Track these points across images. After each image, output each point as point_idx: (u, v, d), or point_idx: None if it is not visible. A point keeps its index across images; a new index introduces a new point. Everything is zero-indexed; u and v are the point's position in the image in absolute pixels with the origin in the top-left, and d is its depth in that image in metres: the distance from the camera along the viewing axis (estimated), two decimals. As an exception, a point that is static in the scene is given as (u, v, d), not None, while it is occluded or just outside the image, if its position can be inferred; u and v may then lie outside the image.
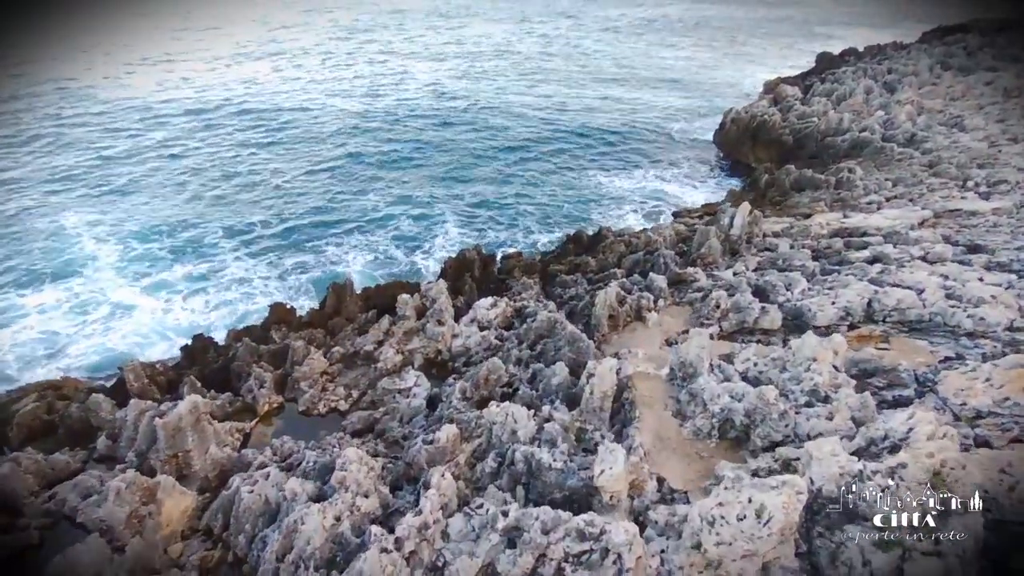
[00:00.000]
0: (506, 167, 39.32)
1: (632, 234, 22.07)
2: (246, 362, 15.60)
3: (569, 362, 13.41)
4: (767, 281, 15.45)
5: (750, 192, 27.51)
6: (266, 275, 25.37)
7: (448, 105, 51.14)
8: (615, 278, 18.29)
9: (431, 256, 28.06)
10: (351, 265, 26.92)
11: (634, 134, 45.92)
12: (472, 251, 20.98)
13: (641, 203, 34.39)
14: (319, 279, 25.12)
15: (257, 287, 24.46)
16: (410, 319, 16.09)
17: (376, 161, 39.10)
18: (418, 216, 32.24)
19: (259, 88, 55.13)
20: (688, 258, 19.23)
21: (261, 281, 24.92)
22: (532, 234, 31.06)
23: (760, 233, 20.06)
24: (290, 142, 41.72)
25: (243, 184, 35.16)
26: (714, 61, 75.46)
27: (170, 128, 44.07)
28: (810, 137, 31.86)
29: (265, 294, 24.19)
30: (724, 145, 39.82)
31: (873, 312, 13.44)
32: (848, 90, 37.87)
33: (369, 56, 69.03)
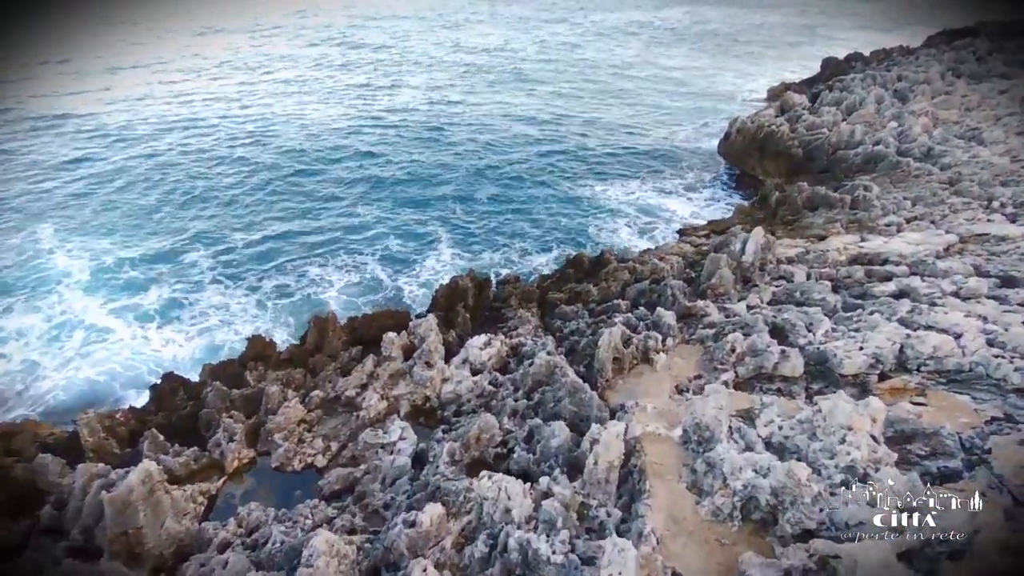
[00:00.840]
0: (500, 178, 38.25)
1: (636, 258, 20.94)
2: (217, 409, 14.43)
3: (570, 416, 12.27)
4: (786, 319, 14.31)
5: (760, 210, 26.43)
6: (245, 300, 24.22)
7: (442, 113, 50.10)
8: (619, 311, 17.18)
9: (422, 279, 26.94)
10: (335, 286, 25.75)
11: (633, 143, 44.89)
12: (465, 278, 19.83)
13: (636, 217, 33.32)
14: (300, 305, 23.99)
15: (235, 313, 23.32)
16: (396, 360, 14.93)
17: (365, 173, 38.00)
18: (408, 233, 31.14)
19: (246, 97, 54.04)
20: (697, 287, 18.10)
21: (239, 307, 23.77)
22: (527, 253, 29.99)
23: (774, 259, 18.93)
24: (276, 153, 40.58)
25: (225, 198, 34.00)
26: (715, 66, 74.56)
27: (151, 139, 42.91)
28: (820, 150, 30.80)
29: (244, 320, 23.05)
30: (730, 156, 38.77)
31: (906, 360, 12.30)
32: (858, 99, 36.84)
33: (361, 62, 67.99)
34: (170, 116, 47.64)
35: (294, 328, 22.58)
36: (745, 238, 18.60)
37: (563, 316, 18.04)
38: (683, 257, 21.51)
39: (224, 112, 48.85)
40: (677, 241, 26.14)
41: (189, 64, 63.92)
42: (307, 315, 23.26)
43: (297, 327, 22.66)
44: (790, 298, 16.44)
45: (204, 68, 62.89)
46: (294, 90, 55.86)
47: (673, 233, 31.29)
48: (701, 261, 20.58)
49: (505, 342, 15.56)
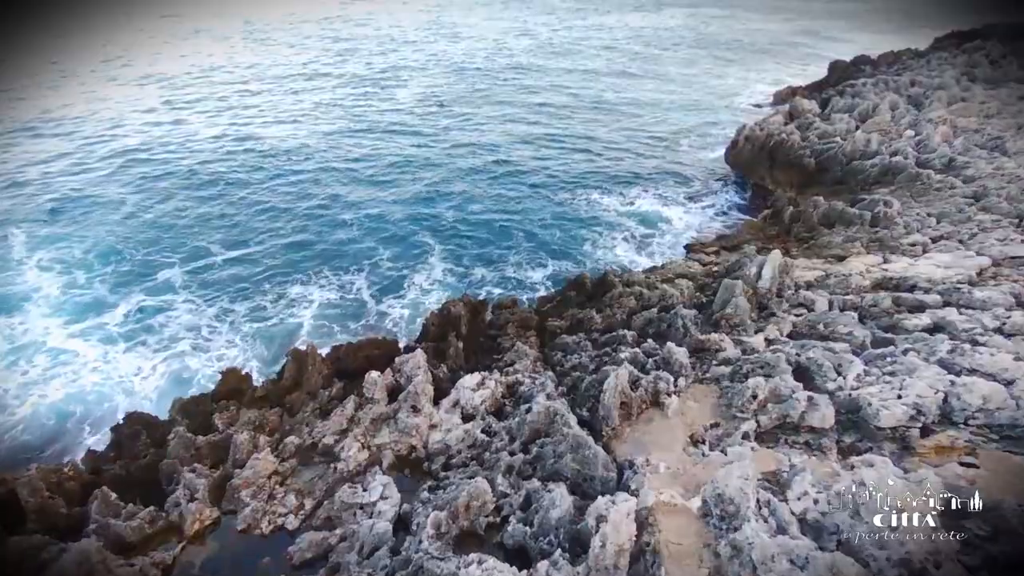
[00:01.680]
0: (494, 187, 37.06)
1: (642, 280, 19.67)
2: (180, 458, 13.15)
3: (572, 474, 11.00)
4: (811, 359, 13.04)
5: (772, 225, 25.19)
6: (218, 322, 22.92)
7: (434, 119, 48.86)
8: (624, 343, 15.92)
9: (410, 298, 25.70)
10: (316, 308, 24.45)
11: (632, 150, 43.65)
12: (459, 304, 18.59)
13: (635, 228, 32.12)
14: (277, 329, 22.74)
15: (207, 337, 22.00)
16: (379, 403, 13.65)
17: (355, 181, 36.80)
18: (397, 247, 29.95)
19: (233, 102, 52.81)
20: (709, 315, 16.84)
21: (212, 330, 22.47)
22: (521, 268, 28.80)
23: (792, 284, 17.68)
24: (262, 161, 39.33)
25: (206, 209, 32.75)
26: (715, 69, 73.46)
27: (132, 146, 41.65)
28: (834, 160, 29.59)
29: (218, 345, 21.79)
30: (737, 165, 37.58)
31: (951, 411, 11.04)
32: (871, 106, 35.68)
33: (354, 67, 66.80)
34: (154, 122, 46.36)
35: (270, 355, 21.35)
36: (761, 262, 17.36)
37: (564, 348, 16.78)
38: (692, 280, 20.26)
39: (209, 118, 47.57)
40: (685, 258, 24.91)
41: (176, 67, 62.66)
42: (284, 340, 22.18)
43: (273, 353, 21.46)
44: (812, 330, 15.18)
45: (191, 71, 61.63)
46: (283, 95, 54.63)
47: (678, 247, 30.14)
48: (712, 284, 19.35)
49: (500, 381, 14.28)
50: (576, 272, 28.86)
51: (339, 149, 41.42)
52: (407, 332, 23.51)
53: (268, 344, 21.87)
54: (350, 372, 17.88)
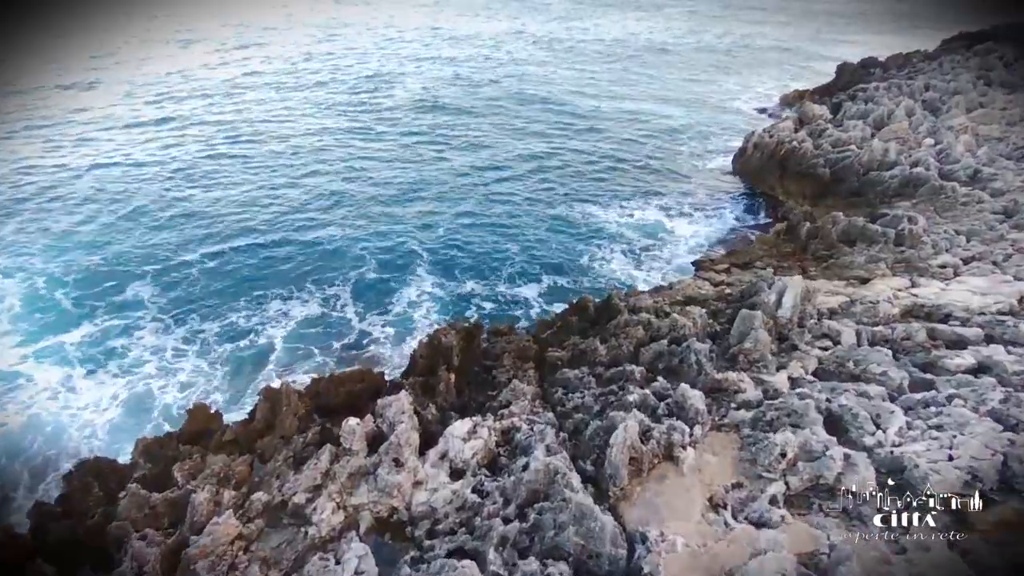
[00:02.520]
0: (487, 195, 35.80)
1: (650, 306, 18.33)
2: (132, 519, 11.78)
3: (576, 550, 9.64)
4: (844, 407, 11.71)
5: (787, 242, 23.86)
6: (187, 344, 21.50)
7: (428, 124, 47.47)
8: (632, 380, 14.58)
9: (396, 315, 24.38)
10: (295, 327, 23.03)
11: (631, 156, 42.27)
12: (450, 332, 17.24)
13: (636, 241, 30.83)
14: (250, 354, 21.38)
15: (175, 363, 20.57)
16: (358, 454, 12.28)
17: (343, 187, 35.47)
18: (385, 259, 28.65)
19: (218, 104, 51.47)
20: (724, 347, 15.49)
21: (177, 353, 21.03)
22: (515, 284, 27.55)
23: (814, 312, 16.33)
24: (245, 168, 37.94)
25: (184, 218, 31.34)
26: (718, 70, 72.35)
27: (111, 147, 40.31)
28: (850, 170, 28.31)
29: (186, 371, 20.34)
30: (745, 173, 36.31)
31: (1011, 475, 9.69)
32: (886, 111, 34.43)
33: (346, 69, 65.53)
34: (134, 124, 44.94)
35: (242, 381, 20.02)
36: (781, 288, 16.02)
37: (565, 383, 15.43)
38: (704, 304, 18.92)
39: (193, 123, 46.21)
40: (693, 276, 23.58)
41: (162, 69, 61.36)
42: (257, 364, 20.82)
43: (245, 379, 20.17)
44: (841, 369, 13.85)
45: (176, 74, 60.33)
46: (270, 99, 53.26)
47: (683, 261, 28.84)
48: (726, 311, 18.02)
49: (494, 428, 12.91)
50: (572, 287, 27.65)
51: (326, 154, 40.09)
52: (392, 352, 22.24)
53: (239, 369, 20.52)
54: (330, 409, 16.54)
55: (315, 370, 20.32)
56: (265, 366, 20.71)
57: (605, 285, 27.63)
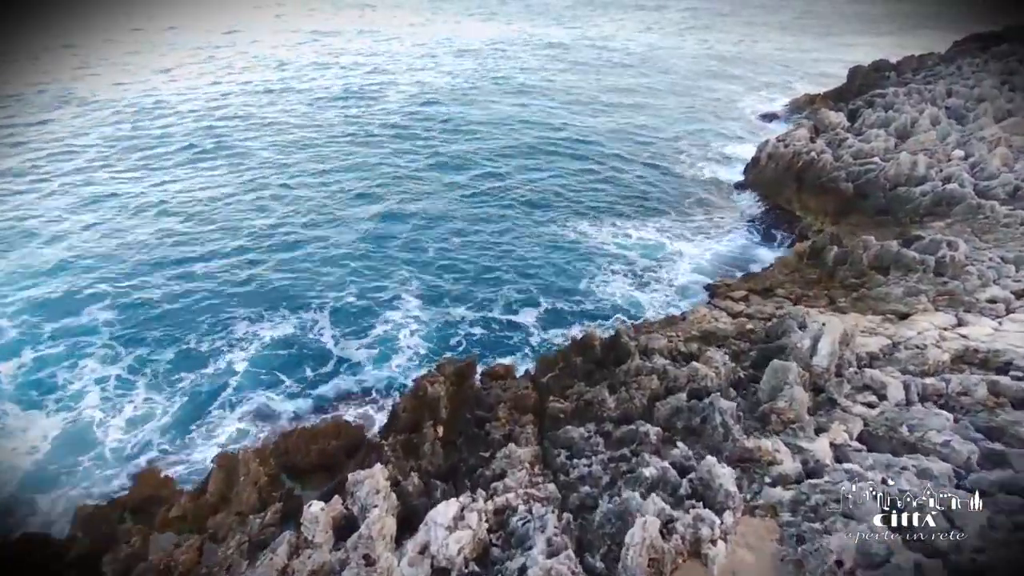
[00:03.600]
0: (480, 210, 34.17)
1: (664, 347, 16.47)
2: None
3: None
4: (906, 494, 9.83)
5: (811, 266, 22.01)
6: (134, 375, 19.56)
7: (418, 131, 45.61)
8: (647, 444, 12.72)
9: (377, 340, 22.53)
10: (261, 357, 21.12)
11: (636, 168, 40.56)
12: (437, 380, 15.37)
13: (638, 261, 29.13)
14: (210, 386, 19.42)
15: (124, 398, 18.62)
16: (322, 547, 10.38)
17: (325, 202, 33.67)
18: (369, 279, 26.95)
19: (202, 104, 49.74)
20: (752, 401, 13.63)
21: (125, 386, 19.10)
22: (510, 309, 25.83)
23: (853, 358, 14.48)
24: (224, 176, 36.18)
25: (154, 229, 29.63)
26: (723, 74, 70.70)
27: (81, 149, 38.51)
28: (875, 185, 26.51)
29: (131, 411, 18.44)
30: (758, 186, 34.50)
31: None
32: (908, 119, 32.68)
33: (336, 71, 63.71)
34: (110, 130, 43.05)
35: (198, 417, 18.10)
36: (817, 333, 14.17)
37: (569, 444, 13.57)
38: (724, 341, 17.08)
39: (171, 129, 44.35)
40: (708, 305, 21.73)
41: (146, 73, 59.53)
42: (215, 401, 18.85)
43: (199, 414, 18.16)
44: (892, 434, 11.99)
45: (161, 78, 58.54)
46: (257, 100, 51.43)
47: (690, 281, 27.04)
48: (750, 352, 16.18)
49: (486, 511, 11.02)
50: (571, 312, 25.86)
51: (306, 166, 38.17)
52: (371, 384, 20.36)
53: (195, 403, 18.66)
54: (300, 470, 14.69)
55: (283, 407, 18.45)
56: (225, 400, 18.84)
57: (608, 309, 25.89)
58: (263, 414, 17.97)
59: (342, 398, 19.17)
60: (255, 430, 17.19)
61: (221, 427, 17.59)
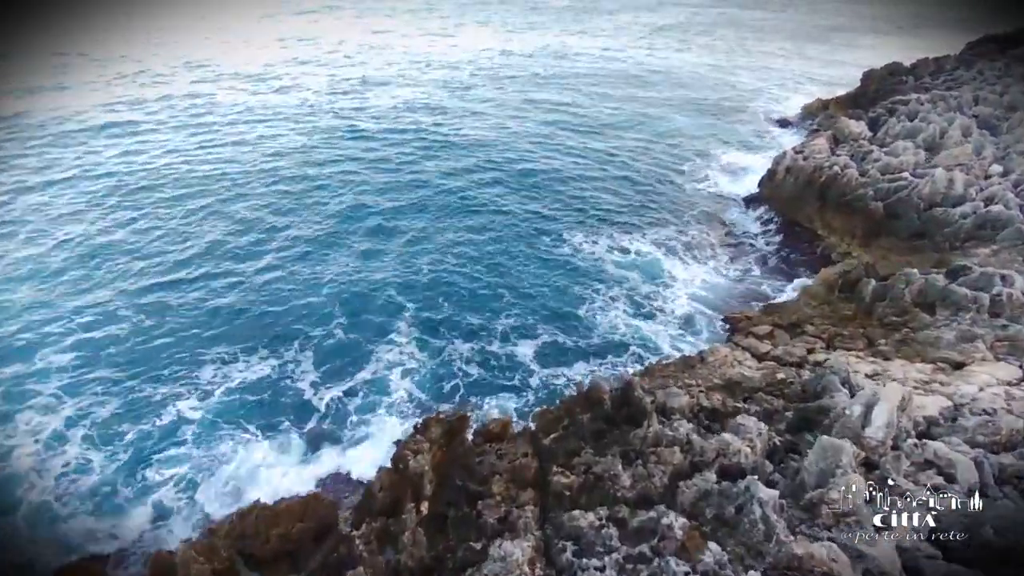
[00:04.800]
0: (476, 222, 32.40)
1: (685, 406, 14.41)
2: None
3: None
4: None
5: (844, 299, 19.94)
6: (71, 428, 17.43)
7: (408, 144, 43.47)
8: (671, 539, 10.64)
9: (364, 384, 20.41)
10: (227, 406, 19.05)
11: (639, 181, 38.44)
12: (421, 450, 13.29)
13: (641, 286, 27.06)
14: (160, 441, 17.31)
15: (54, 453, 16.52)
16: None
17: (310, 220, 31.65)
18: (359, 310, 24.99)
19: (180, 115, 47.78)
20: (796, 485, 11.56)
21: (58, 441, 16.99)
22: (507, 340, 24.00)
23: (910, 426, 12.41)
24: (199, 190, 34.12)
25: (125, 253, 27.70)
26: (728, 78, 68.57)
27: (48, 163, 36.50)
28: (907, 204, 24.50)
29: (64, 462, 16.31)
30: (774, 201, 32.45)
31: None
32: (937, 130, 30.69)
33: (324, 79, 61.74)
34: (81, 139, 41.04)
35: (139, 478, 16.04)
36: (870, 400, 12.11)
37: (576, 535, 11.50)
38: (753, 396, 15.03)
39: (150, 133, 42.44)
40: (729, 344, 19.66)
41: (119, 81, 57.64)
42: (163, 459, 16.79)
43: (140, 475, 16.11)
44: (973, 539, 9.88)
45: (131, 89, 56.63)
46: (232, 115, 49.24)
47: (704, 310, 25.02)
48: (785, 412, 14.12)
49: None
50: (573, 346, 23.88)
51: (291, 184, 36.10)
52: (352, 441, 18.32)
53: (137, 462, 16.52)
54: (261, 559, 12.60)
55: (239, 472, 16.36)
56: (171, 459, 16.70)
57: (613, 341, 23.95)
58: (215, 481, 15.85)
59: (315, 459, 17.09)
60: (203, 501, 15.13)
61: (162, 494, 15.52)
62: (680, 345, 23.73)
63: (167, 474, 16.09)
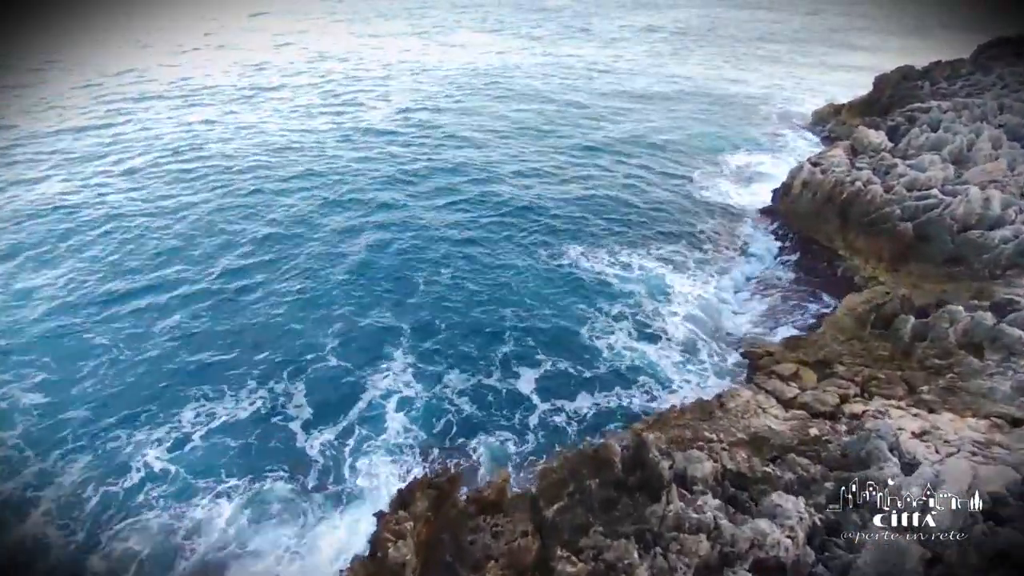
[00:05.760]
0: (475, 234, 30.75)
1: (709, 474, 12.61)
2: None
3: None
4: None
5: (877, 337, 18.10)
6: (42, 493, 15.68)
7: (405, 153, 41.64)
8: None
9: (358, 447, 18.56)
10: (213, 431, 17.34)
11: (644, 193, 36.42)
12: (403, 527, 11.50)
13: (645, 305, 25.29)
14: (124, 500, 15.55)
15: (21, 546, 14.77)
16: None
17: (301, 238, 29.93)
18: (352, 336, 23.31)
19: (157, 125, 46.15)
20: None
21: (18, 522, 15.26)
22: (507, 371, 22.35)
23: (979, 513, 10.59)
24: (176, 198, 32.48)
25: (101, 275, 26.07)
26: (733, 82, 66.63)
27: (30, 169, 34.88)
28: (940, 226, 22.69)
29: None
30: (790, 217, 30.64)
31: None
32: (964, 142, 28.92)
33: (313, 87, 59.91)
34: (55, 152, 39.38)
35: (100, 545, 14.30)
36: (932, 480, 10.30)
37: (586, 646, 9.67)
38: (783, 457, 13.24)
39: (131, 144, 40.77)
40: (750, 386, 17.84)
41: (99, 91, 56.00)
42: (128, 520, 15.00)
43: (101, 543, 14.37)
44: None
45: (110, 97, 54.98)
46: (217, 123, 47.48)
47: (714, 337, 23.25)
48: (824, 482, 12.31)
49: None
50: (575, 375, 22.16)
51: (278, 198, 34.31)
52: (339, 497, 16.55)
53: (97, 524, 14.76)
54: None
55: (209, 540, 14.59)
56: (143, 529, 14.91)
57: (618, 373, 22.22)
58: (187, 566, 14.04)
59: (309, 528, 15.28)
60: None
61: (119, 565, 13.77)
62: (689, 376, 22.04)
63: (132, 551, 14.24)
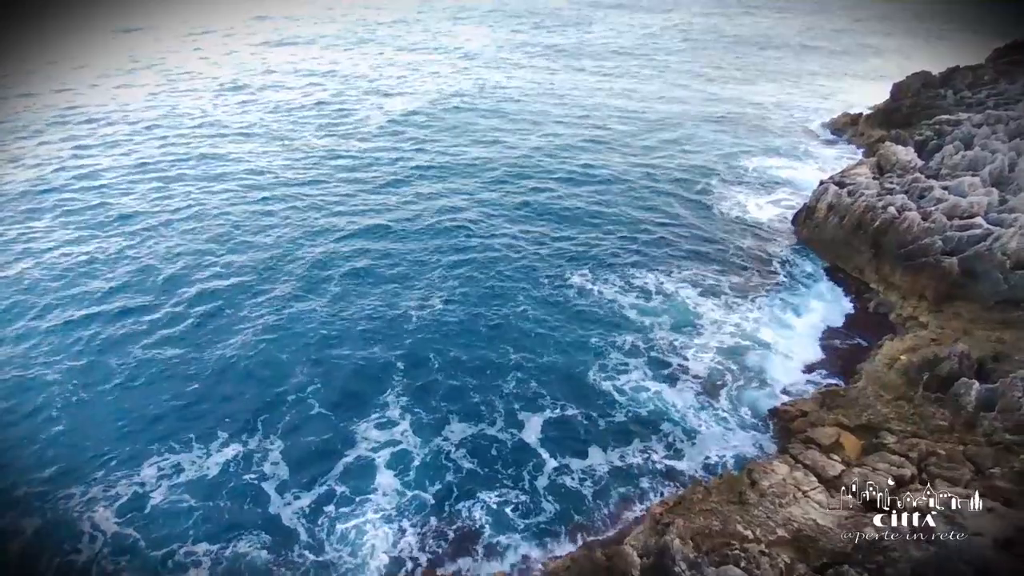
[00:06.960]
0: (473, 257, 28.66)
1: None
2: None
3: None
4: None
5: (927, 401, 15.72)
6: None
7: (396, 165, 39.49)
8: None
9: (340, 514, 16.40)
10: (165, 507, 15.29)
11: (655, 203, 34.69)
12: None
13: (657, 341, 23.18)
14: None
15: None
16: None
17: (280, 257, 28.07)
18: (339, 380, 21.30)
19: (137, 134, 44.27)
20: None
21: None
22: (513, 419, 20.49)
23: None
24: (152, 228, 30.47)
25: (41, 302, 24.17)
26: (738, 83, 64.18)
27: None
28: (989, 262, 20.36)
29: None
30: (814, 242, 28.24)
31: None
32: (1004, 161, 26.56)
33: (306, 96, 57.76)
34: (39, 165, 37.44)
35: None
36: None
37: None
38: (835, 568, 10.94)
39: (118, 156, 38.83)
40: (783, 456, 15.52)
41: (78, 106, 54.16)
42: None
43: None
44: None
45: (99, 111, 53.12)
46: (202, 139, 45.36)
47: (744, 390, 20.93)
48: None
49: None
50: (585, 424, 20.20)
51: (267, 219, 32.19)
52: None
53: None
54: None
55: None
56: None
57: (635, 420, 20.13)
58: None
59: None
60: None
61: None
62: (713, 426, 19.76)
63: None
